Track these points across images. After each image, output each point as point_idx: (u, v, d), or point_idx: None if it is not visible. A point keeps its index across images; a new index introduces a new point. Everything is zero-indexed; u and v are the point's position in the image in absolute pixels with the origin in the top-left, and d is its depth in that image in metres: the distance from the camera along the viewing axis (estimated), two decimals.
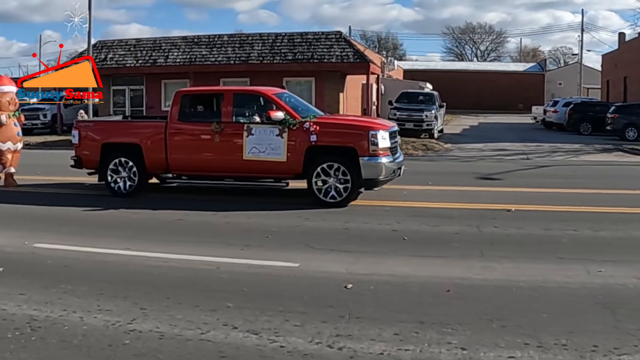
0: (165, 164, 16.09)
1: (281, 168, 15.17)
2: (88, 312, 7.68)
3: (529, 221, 12.94)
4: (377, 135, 14.57)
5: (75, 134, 17.08)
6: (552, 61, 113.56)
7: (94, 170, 17.00)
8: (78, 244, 11.23)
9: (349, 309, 7.69)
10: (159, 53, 40.84)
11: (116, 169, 16.34)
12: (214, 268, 9.63)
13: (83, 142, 16.90)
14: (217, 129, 15.39)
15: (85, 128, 17.25)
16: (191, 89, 21.78)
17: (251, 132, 15.20)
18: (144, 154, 16.12)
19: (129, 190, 16.27)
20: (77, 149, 17.05)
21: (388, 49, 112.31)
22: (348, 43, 39.41)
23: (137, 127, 17.56)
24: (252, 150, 15.19)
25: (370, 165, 14.53)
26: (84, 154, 16.89)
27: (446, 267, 9.60)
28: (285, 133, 14.95)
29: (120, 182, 16.34)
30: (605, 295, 8.19)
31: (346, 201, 14.62)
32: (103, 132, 17.01)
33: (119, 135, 16.89)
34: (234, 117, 15.72)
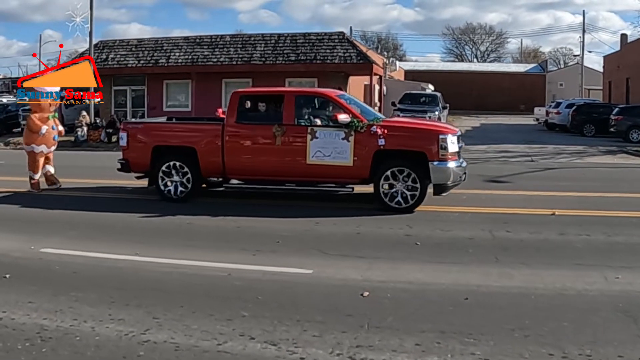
0: (222, 167, 15.57)
1: (347, 172, 14.70)
2: (100, 321, 7.53)
3: (542, 226, 12.77)
4: (447, 140, 14.23)
5: (124, 136, 16.51)
6: (552, 62, 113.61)
7: (142, 174, 16.58)
8: (85, 249, 11.05)
9: (367, 317, 7.55)
10: (161, 53, 40.75)
11: (168, 173, 15.75)
12: (226, 275, 9.48)
13: (132, 145, 16.31)
14: (279, 132, 14.92)
15: (134, 130, 16.69)
16: (249, 89, 20.93)
17: (315, 135, 14.72)
18: (198, 157, 15.59)
19: (181, 196, 15.72)
20: (125, 151, 16.46)
21: (388, 50, 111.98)
22: (351, 44, 39.37)
23: (191, 129, 16.85)
24: (317, 154, 14.72)
25: (440, 170, 14.16)
26: (133, 156, 16.30)
27: (463, 274, 9.45)
28: (352, 136, 14.50)
29: (171, 187, 15.76)
30: (625, 303, 8.05)
31: (413, 207, 14.19)
32: (154, 134, 16.40)
33: (172, 137, 16.32)
34: (295, 119, 15.21)
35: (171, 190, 15.73)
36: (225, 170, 15.62)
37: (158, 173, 15.79)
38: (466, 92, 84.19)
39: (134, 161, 16.29)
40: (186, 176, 15.65)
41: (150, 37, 44.27)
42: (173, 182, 15.73)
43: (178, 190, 15.71)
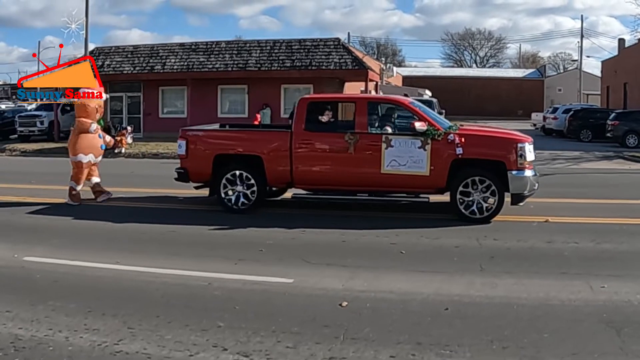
0: (290, 177, 15.02)
1: (423, 182, 14.27)
2: (75, 331, 7.46)
3: (530, 233, 12.70)
4: (525, 148, 13.92)
5: (182, 144, 15.72)
6: (551, 67, 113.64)
7: (202, 183, 15.97)
8: (68, 258, 10.97)
9: (344, 328, 7.47)
10: (157, 60, 40.70)
11: (231, 182, 15.12)
12: (206, 284, 9.39)
13: (192, 153, 15.60)
14: (352, 140, 14.42)
15: (194, 137, 15.87)
16: (318, 95, 19.97)
17: (390, 143, 14.24)
18: (265, 166, 15.00)
19: (246, 206, 15.06)
20: (184, 160, 15.75)
21: (387, 55, 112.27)
22: (346, 50, 39.31)
23: (256, 136, 16.20)
24: (392, 163, 14.24)
25: (518, 179, 13.84)
26: (192, 165, 15.61)
27: (446, 283, 9.36)
28: (429, 145, 14.07)
29: (233, 197, 15.12)
30: (610, 313, 7.98)
31: (491, 217, 13.86)
32: (216, 142, 15.83)
33: (236, 145, 15.65)
34: (368, 127, 14.73)
35: (232, 199, 15.13)
36: (293, 180, 15.10)
37: (220, 183, 15.19)
38: (464, 98, 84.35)
39: (193, 170, 15.63)
40: (251, 186, 15.06)
41: (146, 44, 44.33)
42: (235, 192, 15.16)
43: (240, 200, 15.12)
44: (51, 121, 40.41)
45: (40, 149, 35.75)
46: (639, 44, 53.57)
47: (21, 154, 34.97)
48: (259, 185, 15.06)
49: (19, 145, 36.95)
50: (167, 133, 37.88)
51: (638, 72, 51.02)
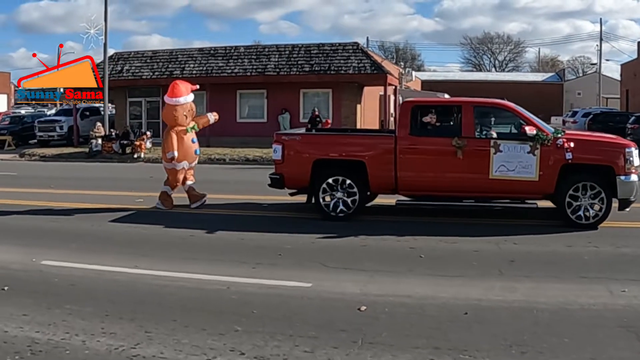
0: (394, 183, 14.52)
1: (531, 188, 13.99)
2: (91, 335, 7.44)
3: (550, 237, 12.64)
4: (632, 153, 13.65)
5: (278, 149, 15.21)
6: (570, 71, 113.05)
7: (297, 190, 15.55)
8: (86, 261, 10.98)
9: (362, 333, 7.42)
10: (175, 65, 40.81)
11: (331, 188, 14.62)
12: (224, 288, 9.37)
13: (288, 158, 15.12)
14: (460, 145, 14.03)
15: (291, 142, 15.42)
16: (421, 99, 19.12)
17: (499, 148, 13.94)
18: (368, 171, 14.52)
19: (345, 213, 14.57)
20: (280, 165, 15.31)
21: (406, 60, 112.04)
22: (365, 54, 39.28)
23: (359, 141, 15.72)
24: (500, 169, 13.92)
25: (626, 184, 13.54)
26: (290, 171, 15.14)
27: (465, 288, 9.30)
28: (537, 150, 13.77)
29: (332, 203, 14.61)
30: (630, 318, 7.88)
31: (598, 223, 13.55)
32: (315, 147, 15.29)
33: (338, 150, 15.12)
34: (475, 131, 14.45)
35: (331, 206, 14.66)
36: (397, 186, 14.59)
37: (319, 189, 14.73)
38: None
39: (290, 176, 15.16)
40: (352, 193, 14.61)
41: (165, 49, 44.37)
42: (335, 199, 14.66)
43: (339, 207, 14.64)
44: (70, 126, 40.66)
45: (59, 153, 35.95)
46: None
47: (40, 159, 35.16)
48: (361, 192, 14.66)
49: (38, 150, 37.15)
50: None
51: None
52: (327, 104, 39.51)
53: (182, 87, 17.22)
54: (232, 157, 31.69)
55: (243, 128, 39.65)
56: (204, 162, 30.31)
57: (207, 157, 31.33)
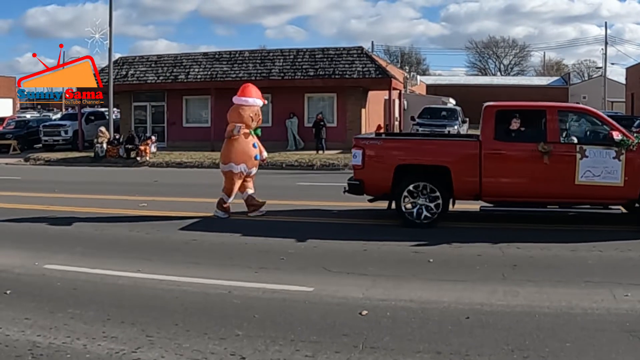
0: (478, 188, 14.27)
1: (615, 193, 13.82)
2: (93, 339, 7.45)
3: (554, 241, 12.57)
4: None
5: (358, 154, 14.77)
6: (576, 75, 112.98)
7: (376, 196, 15.12)
8: (90, 266, 10.99)
9: (363, 337, 7.40)
10: (180, 69, 40.85)
11: (413, 195, 14.32)
12: (226, 292, 9.36)
13: (369, 163, 14.70)
14: (546, 150, 13.83)
15: (371, 147, 15.00)
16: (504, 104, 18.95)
17: (585, 153, 13.75)
18: (452, 177, 14.24)
19: (429, 220, 14.25)
20: (359, 171, 14.85)
21: (411, 64, 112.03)
22: (370, 58, 39.26)
23: (443, 146, 15.34)
24: (586, 174, 13.74)
25: None
26: (370, 177, 14.69)
27: (468, 292, 9.26)
28: (622, 155, 13.62)
29: (414, 210, 14.29)
30: (633, 322, 7.86)
31: None
32: (398, 152, 14.93)
33: (421, 155, 14.72)
34: (560, 136, 14.21)
35: (413, 213, 14.34)
36: (481, 192, 14.35)
37: (401, 195, 14.42)
38: None
39: (370, 182, 14.71)
40: (435, 199, 14.30)
41: (170, 53, 44.46)
42: (417, 205, 14.34)
43: (423, 214, 14.30)
44: (75, 130, 40.73)
45: (64, 158, 35.97)
46: None
47: (45, 163, 35.19)
48: (444, 198, 14.37)
49: (43, 155, 37.18)
50: (191, 142, 38.09)
51: None
52: (332, 109, 39.52)
53: (252, 90, 16.86)
54: None
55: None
56: (209, 167, 30.45)
57: (212, 162, 31.37)
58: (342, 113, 39.05)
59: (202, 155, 33.74)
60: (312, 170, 29.27)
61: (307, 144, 37.91)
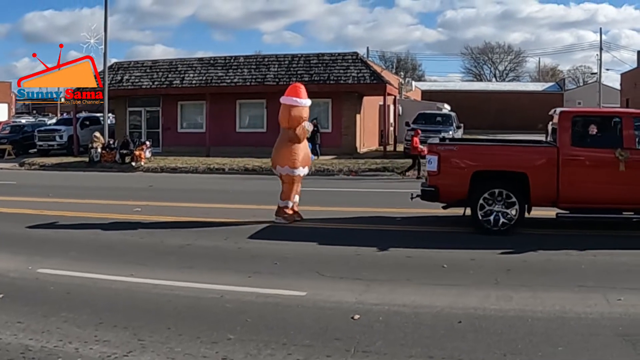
0: (555, 195, 14.07)
1: None
2: (85, 342, 7.44)
3: (547, 246, 12.62)
4: None
5: (434, 160, 14.48)
6: (571, 80, 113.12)
7: (451, 203, 14.92)
8: (83, 270, 10.98)
9: (356, 341, 7.41)
10: (175, 74, 40.87)
11: (489, 202, 14.06)
12: (219, 297, 9.35)
13: (445, 170, 14.40)
14: (624, 156, 13.72)
15: (448, 153, 14.74)
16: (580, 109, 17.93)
17: None
18: (530, 183, 14.01)
19: (506, 227, 13.99)
20: (435, 177, 14.58)
21: (407, 70, 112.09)
22: (364, 64, 39.33)
23: (521, 152, 15.10)
24: None
25: None
26: (446, 183, 14.43)
27: (461, 297, 9.27)
28: None
29: (491, 217, 14.01)
30: (626, 327, 7.88)
31: None
32: (474, 158, 14.65)
33: (498, 161, 14.58)
34: (636, 143, 14.07)
35: (490, 220, 14.06)
36: (559, 198, 14.14)
37: (477, 202, 14.14)
38: (484, 111, 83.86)
39: (446, 188, 14.43)
40: (511, 206, 14.06)
41: (165, 59, 44.45)
42: (493, 212, 14.07)
43: (500, 221, 14.01)
44: (70, 135, 40.72)
45: (59, 162, 35.96)
46: None
47: (40, 168, 35.16)
48: (521, 205, 14.08)
49: (38, 159, 37.16)
50: (186, 148, 38.08)
51: None
52: (327, 114, 39.54)
53: (302, 90, 16.36)
54: (231, 166, 31.67)
55: (242, 138, 39.73)
56: (203, 172, 30.46)
57: (207, 167, 31.39)
58: (337, 119, 39.09)
59: (197, 160, 33.76)
60: (307, 176, 29.19)
61: None
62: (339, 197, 20.63)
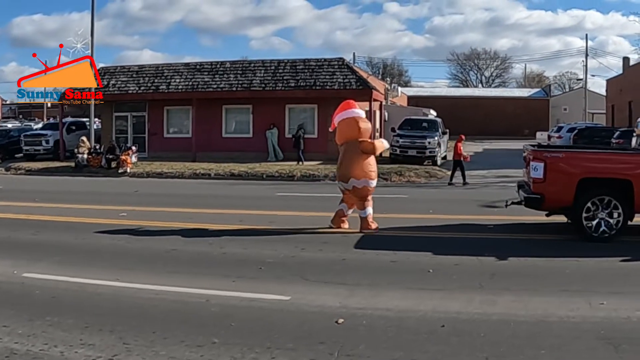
0: None
1: None
2: (70, 346, 7.46)
3: (531, 251, 12.72)
4: None
5: (539, 167, 14.24)
6: (557, 86, 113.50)
7: (555, 210, 14.90)
8: (69, 274, 10.96)
9: (339, 345, 7.43)
10: (162, 79, 40.84)
11: (593, 209, 13.87)
12: (204, 301, 9.37)
13: (551, 177, 14.15)
14: None
15: (555, 159, 14.35)
16: None
17: None
18: (635, 191, 13.78)
19: (608, 234, 13.80)
20: (540, 184, 14.30)
21: (393, 76, 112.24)
22: (350, 69, 39.39)
23: (625, 159, 15.04)
24: None
25: None
26: (552, 190, 14.17)
27: (445, 301, 9.31)
28: None
29: (593, 224, 13.83)
30: (608, 330, 7.94)
31: None
32: (580, 165, 14.33)
33: (603, 168, 14.31)
34: None
35: (593, 227, 13.89)
36: None
37: (582, 209, 13.94)
38: (470, 117, 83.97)
39: (551, 196, 14.18)
40: (615, 213, 13.87)
41: (151, 64, 44.31)
42: (597, 220, 13.89)
43: (601, 229, 13.85)
44: (57, 140, 40.64)
45: (45, 167, 35.83)
46: None
47: (26, 173, 35.05)
48: (625, 212, 13.92)
49: (24, 164, 37.03)
50: (172, 153, 38.02)
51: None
52: (313, 120, 39.58)
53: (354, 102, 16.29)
54: (217, 172, 31.62)
55: (229, 143, 39.80)
56: (189, 177, 30.45)
57: (192, 172, 31.36)
58: (323, 124, 39.06)
59: (183, 165, 33.69)
60: (293, 181, 29.25)
61: (287, 154, 38.00)
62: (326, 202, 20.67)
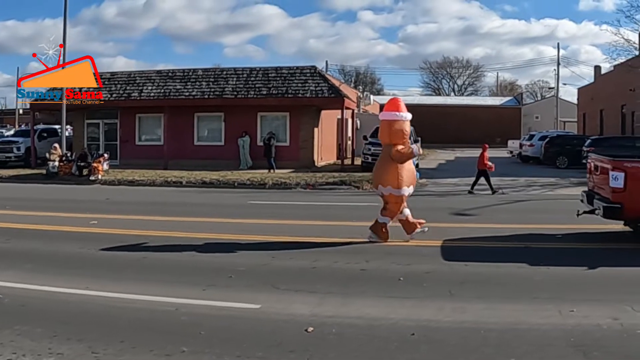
0: None
1: None
2: (38, 355, 7.40)
3: (503, 258, 12.74)
4: None
5: (620, 177, 13.97)
6: (529, 95, 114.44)
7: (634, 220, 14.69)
8: (38, 283, 10.88)
9: (309, 353, 7.44)
10: (133, 87, 40.75)
11: None
12: (173, 310, 9.33)
13: (632, 186, 13.86)
14: None
15: (636, 169, 14.08)
16: None
17: None
18: None
19: None
20: (620, 194, 14.03)
21: (366, 84, 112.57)
22: (322, 78, 39.48)
23: None
24: None
25: None
26: (631, 201, 13.92)
27: (416, 309, 9.33)
28: None
29: None
30: (578, 337, 7.98)
31: None
32: None
33: None
34: None
35: None
36: None
37: None
38: (443, 126, 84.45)
39: (632, 205, 13.94)
40: None
41: (123, 71, 44.24)
42: None
43: None
44: (28, 147, 40.44)
45: (16, 175, 35.56)
46: (614, 71, 53.85)
47: None
48: None
49: None
50: (144, 160, 37.88)
51: (613, 99, 51.59)
52: (285, 128, 39.66)
53: (402, 104, 15.56)
54: (189, 180, 31.48)
55: (200, 151, 39.82)
56: (161, 185, 30.34)
57: (164, 180, 31.22)
58: (295, 132, 39.21)
59: (155, 173, 33.56)
60: (265, 189, 29.19)
61: (256, 162, 38.03)
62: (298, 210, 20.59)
